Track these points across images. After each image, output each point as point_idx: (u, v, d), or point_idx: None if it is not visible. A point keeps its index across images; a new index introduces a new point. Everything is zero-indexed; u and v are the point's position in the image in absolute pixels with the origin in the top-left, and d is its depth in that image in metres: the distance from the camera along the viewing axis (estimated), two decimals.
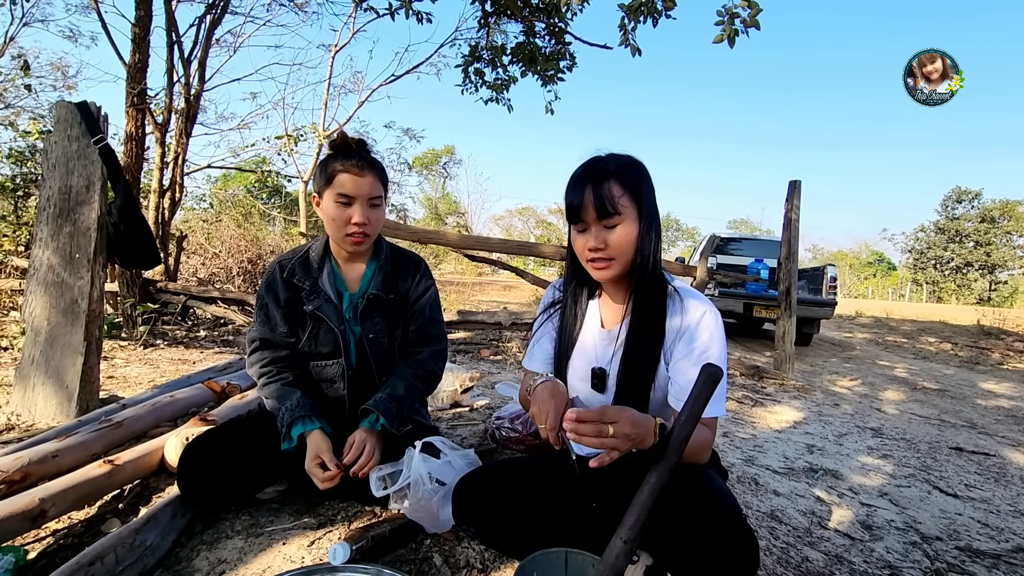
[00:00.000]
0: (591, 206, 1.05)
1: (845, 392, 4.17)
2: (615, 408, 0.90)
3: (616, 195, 1.04)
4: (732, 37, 3.12)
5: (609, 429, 0.86)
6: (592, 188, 1.04)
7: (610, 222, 1.05)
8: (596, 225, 1.06)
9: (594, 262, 1.09)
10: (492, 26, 5.72)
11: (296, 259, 1.53)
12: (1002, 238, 35.01)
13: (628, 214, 1.06)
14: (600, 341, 1.19)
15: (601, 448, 0.87)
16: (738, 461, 2.20)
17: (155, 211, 5.47)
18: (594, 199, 1.04)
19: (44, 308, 2.10)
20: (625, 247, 1.07)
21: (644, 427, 0.90)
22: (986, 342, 8.21)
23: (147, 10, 4.62)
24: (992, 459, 2.56)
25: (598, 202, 1.04)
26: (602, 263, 1.08)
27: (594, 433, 0.86)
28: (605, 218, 1.05)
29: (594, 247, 1.07)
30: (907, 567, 1.45)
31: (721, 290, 6.70)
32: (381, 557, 1.21)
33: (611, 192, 1.04)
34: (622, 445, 0.87)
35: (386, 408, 1.40)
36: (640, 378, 1.12)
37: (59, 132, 2.10)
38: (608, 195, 1.04)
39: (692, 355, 1.07)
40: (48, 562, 1.16)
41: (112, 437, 1.70)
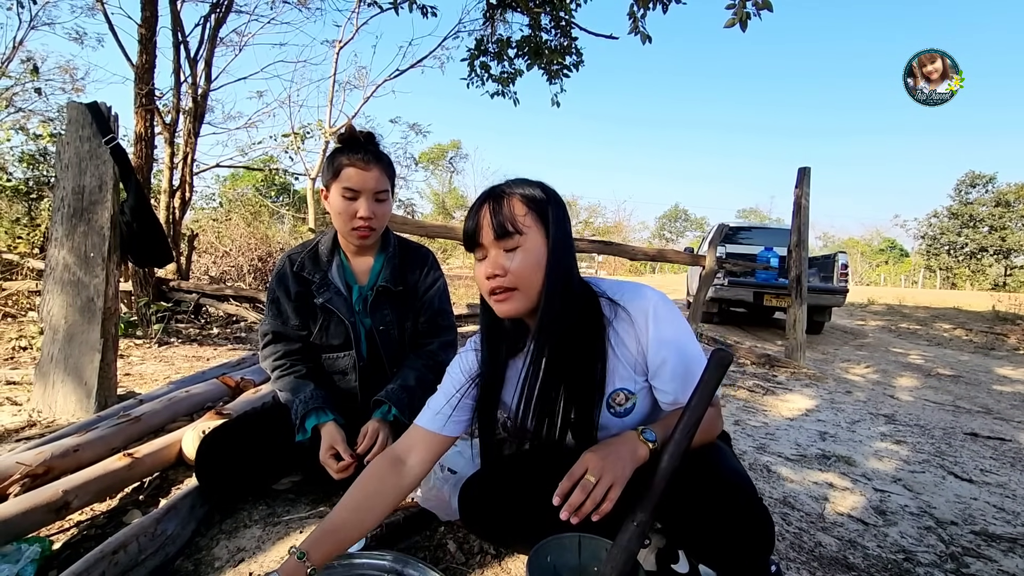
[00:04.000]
0: (488, 226, 0.93)
1: (858, 379, 4.14)
2: (582, 457, 0.86)
3: (518, 213, 0.93)
4: (744, 20, 3.08)
5: (590, 480, 0.82)
6: (490, 206, 0.94)
7: (509, 244, 0.93)
8: (495, 248, 0.94)
9: (495, 294, 0.95)
10: (497, 19, 5.70)
11: (305, 253, 1.54)
12: (1017, 222, 34.37)
13: (532, 234, 0.93)
14: None
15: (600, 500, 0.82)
16: (750, 449, 2.20)
17: (166, 211, 5.52)
18: (491, 217, 0.93)
19: (61, 307, 2.13)
20: (527, 272, 0.93)
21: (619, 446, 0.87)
22: (1002, 327, 8.09)
23: (153, 10, 4.64)
24: (1008, 444, 2.53)
25: (496, 220, 0.92)
26: (503, 293, 0.94)
27: (582, 496, 0.81)
28: (504, 238, 0.92)
29: (491, 274, 0.94)
30: (922, 551, 1.45)
31: (731, 279, 6.65)
32: (396, 544, 1.22)
33: (511, 210, 0.93)
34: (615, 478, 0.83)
35: (398, 399, 1.42)
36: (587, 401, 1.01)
37: (71, 133, 2.13)
38: (507, 213, 0.92)
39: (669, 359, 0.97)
40: (73, 552, 1.19)
41: (130, 432, 1.74)
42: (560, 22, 5.36)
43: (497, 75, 5.82)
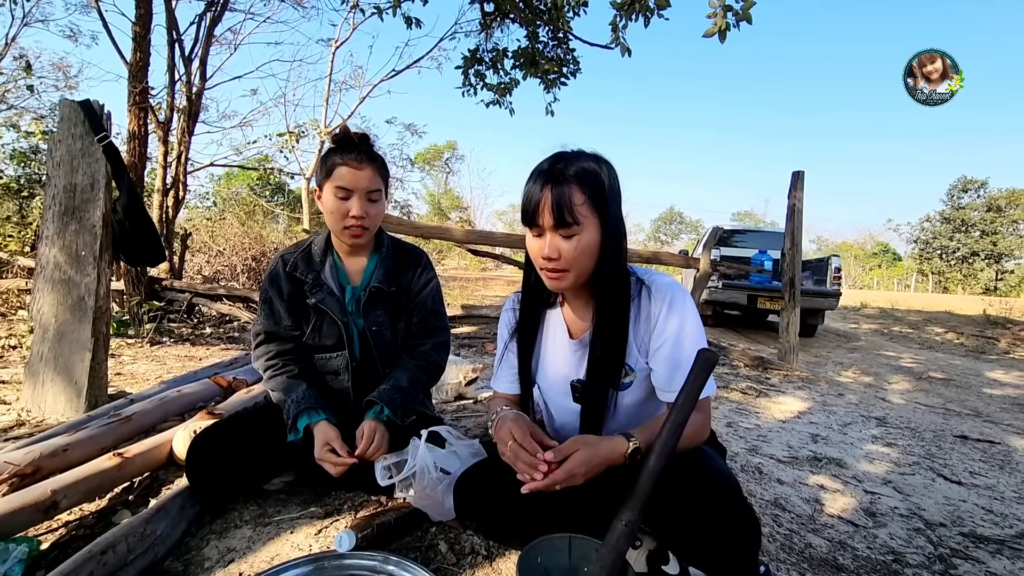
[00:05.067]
0: (548, 212, 0.96)
1: (850, 382, 4.16)
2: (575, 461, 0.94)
3: (576, 203, 0.95)
4: (724, 31, 3.09)
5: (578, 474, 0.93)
6: (551, 192, 0.96)
7: (567, 232, 0.97)
8: (552, 233, 0.98)
9: (548, 271, 1.02)
10: (492, 27, 5.68)
11: (298, 253, 1.54)
12: (1009, 227, 34.72)
13: (588, 224, 0.97)
14: (571, 353, 1.15)
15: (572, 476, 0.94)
16: (742, 451, 2.21)
17: (159, 209, 5.49)
18: (552, 205, 0.95)
19: (52, 305, 2.12)
20: (582, 259, 0.99)
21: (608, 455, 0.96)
22: (993, 331, 8.17)
23: (147, 8, 4.63)
24: (997, 447, 2.56)
25: (556, 210, 0.95)
26: (556, 273, 1.01)
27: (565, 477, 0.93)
28: (562, 228, 0.97)
29: (547, 256, 0.99)
30: (910, 552, 1.46)
31: (725, 282, 6.69)
32: (387, 545, 1.22)
33: (571, 199, 0.95)
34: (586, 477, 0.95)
35: (390, 399, 1.42)
36: (603, 388, 1.08)
37: (63, 130, 2.12)
38: (567, 203, 0.95)
39: (666, 345, 1.03)
40: (61, 552, 1.18)
41: (121, 431, 1.72)
42: (558, 33, 5.36)
43: (493, 84, 5.79)
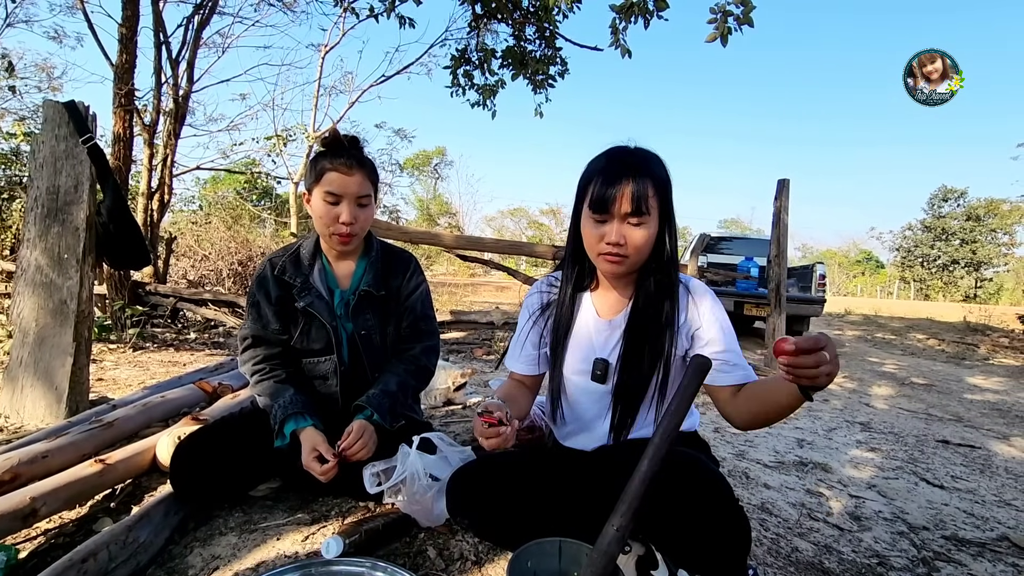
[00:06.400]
0: (627, 201, 1.02)
1: (835, 388, 4.21)
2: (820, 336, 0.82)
3: (649, 194, 1.03)
4: (725, 35, 3.13)
5: (826, 355, 0.81)
6: (632, 183, 1.02)
7: (638, 220, 1.04)
8: (621, 221, 1.05)
9: (608, 255, 1.07)
10: (482, 28, 5.72)
11: (287, 257, 1.53)
12: (987, 236, 35.49)
13: (653, 215, 1.06)
14: (598, 332, 1.20)
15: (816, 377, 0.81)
16: (729, 455, 2.22)
17: (143, 213, 5.42)
18: (632, 196, 1.02)
19: (32, 309, 2.08)
20: (643, 248, 1.06)
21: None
22: (973, 338, 8.32)
23: (134, 10, 4.59)
24: (978, 451, 2.60)
25: (635, 200, 1.02)
26: (617, 259, 1.07)
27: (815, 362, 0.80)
28: (637, 216, 1.04)
29: (614, 242, 1.05)
30: (894, 556, 1.48)
31: (712, 288, 6.74)
32: (375, 551, 1.21)
33: (647, 191, 1.03)
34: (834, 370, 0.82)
35: (379, 403, 1.41)
36: (641, 369, 1.13)
37: (47, 132, 2.09)
38: (644, 194, 1.02)
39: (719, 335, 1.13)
40: (40, 561, 1.15)
41: (103, 437, 1.69)
42: (545, 33, 5.40)
43: (480, 85, 5.82)
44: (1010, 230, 34.47)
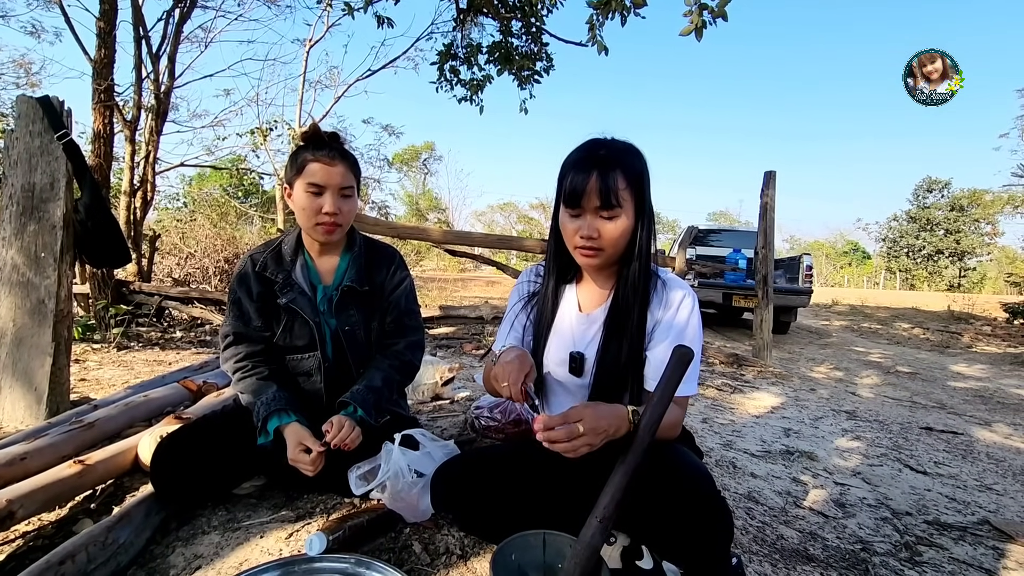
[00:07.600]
0: (595, 195, 1.02)
1: (821, 377, 4.26)
2: (580, 406, 0.91)
3: (620, 187, 1.02)
4: (700, 29, 3.11)
5: (578, 428, 0.86)
6: (599, 176, 1.01)
7: (609, 214, 1.03)
8: (593, 215, 1.04)
9: (583, 249, 1.07)
10: (467, 24, 5.66)
11: (268, 252, 1.51)
12: (970, 226, 36.02)
13: (627, 208, 1.04)
14: (578, 325, 1.19)
15: (573, 450, 0.87)
16: (717, 446, 2.23)
17: (126, 211, 5.34)
18: (599, 188, 1.01)
19: (9, 309, 2.04)
20: (618, 240, 1.05)
21: (614, 417, 0.91)
22: (956, 327, 8.45)
23: (112, 4, 4.50)
24: (960, 437, 2.64)
25: (603, 193, 1.01)
26: (591, 252, 1.07)
27: (565, 436, 0.86)
28: (607, 209, 1.03)
29: (587, 235, 1.05)
30: (878, 541, 1.50)
31: (700, 280, 6.78)
32: (360, 547, 1.20)
33: (616, 184, 1.02)
34: (594, 440, 0.87)
35: (363, 399, 1.40)
36: (619, 362, 1.12)
37: (21, 128, 2.04)
38: (614, 187, 1.01)
39: (668, 338, 1.09)
40: (18, 564, 1.13)
41: (83, 438, 1.66)
42: (531, 28, 5.37)
43: (467, 80, 5.77)
44: (992, 220, 34.97)
